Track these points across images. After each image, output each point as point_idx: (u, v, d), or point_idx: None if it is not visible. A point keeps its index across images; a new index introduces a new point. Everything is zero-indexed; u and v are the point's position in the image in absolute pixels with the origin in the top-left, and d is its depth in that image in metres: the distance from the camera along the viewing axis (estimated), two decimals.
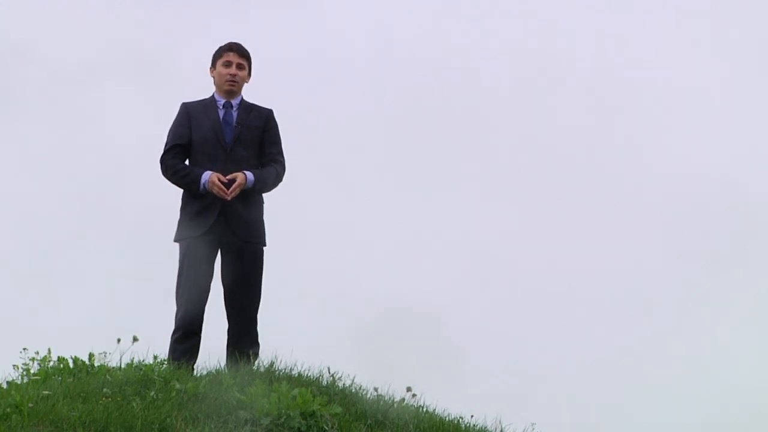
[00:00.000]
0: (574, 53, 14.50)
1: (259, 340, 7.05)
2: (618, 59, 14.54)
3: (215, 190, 6.87)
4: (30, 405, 5.58)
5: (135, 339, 6.66)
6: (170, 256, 7.18)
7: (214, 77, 7.23)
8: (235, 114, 7.13)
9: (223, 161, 6.99)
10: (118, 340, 6.67)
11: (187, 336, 6.89)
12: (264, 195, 7.16)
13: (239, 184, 6.90)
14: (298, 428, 5.80)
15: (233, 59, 7.17)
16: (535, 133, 14.17)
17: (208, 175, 6.92)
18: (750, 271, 12.75)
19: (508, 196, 13.67)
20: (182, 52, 13.43)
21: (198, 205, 6.98)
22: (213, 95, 7.21)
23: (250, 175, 6.97)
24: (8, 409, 5.54)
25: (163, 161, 7.08)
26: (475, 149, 13.95)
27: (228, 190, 6.87)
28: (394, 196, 13.03)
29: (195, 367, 6.85)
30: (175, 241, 7.07)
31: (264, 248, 7.09)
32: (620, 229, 13.72)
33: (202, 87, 7.30)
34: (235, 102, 7.17)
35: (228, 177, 6.91)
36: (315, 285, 11.09)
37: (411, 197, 13.15)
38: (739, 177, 13.53)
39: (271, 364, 6.83)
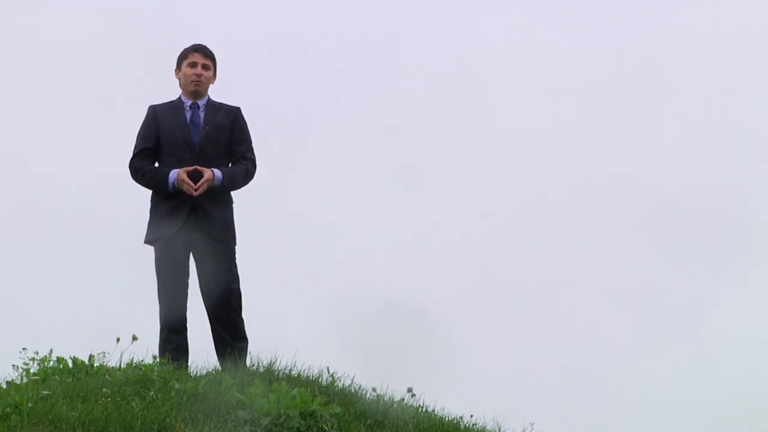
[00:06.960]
0: (579, 56, 14.52)
1: (248, 335, 7.04)
2: (618, 61, 14.56)
3: (185, 187, 6.86)
4: (29, 405, 5.57)
5: (134, 338, 6.65)
6: None
7: (179, 79, 7.23)
8: (202, 114, 7.14)
9: (191, 163, 6.97)
10: (118, 340, 6.67)
11: (172, 335, 6.91)
12: (236, 195, 7.15)
13: (207, 180, 6.88)
14: (298, 428, 5.80)
15: (198, 60, 7.17)
16: (536, 134, 14.18)
17: (176, 173, 6.92)
18: (750, 271, 12.75)
19: (509, 196, 13.68)
20: None
21: (168, 205, 6.98)
22: (180, 97, 7.22)
23: (218, 172, 6.96)
24: (8, 409, 5.54)
25: (132, 164, 7.08)
26: (475, 148, 13.95)
27: (195, 185, 6.86)
28: (393, 195, 13.03)
29: (189, 365, 6.86)
30: (146, 242, 7.08)
31: (235, 247, 7.08)
32: (620, 230, 13.72)
33: None
34: (201, 103, 7.17)
35: (197, 168, 6.88)
36: (314, 284, 11.08)
37: (411, 196, 13.15)
38: (736, 180, 13.54)
39: (271, 364, 6.83)
